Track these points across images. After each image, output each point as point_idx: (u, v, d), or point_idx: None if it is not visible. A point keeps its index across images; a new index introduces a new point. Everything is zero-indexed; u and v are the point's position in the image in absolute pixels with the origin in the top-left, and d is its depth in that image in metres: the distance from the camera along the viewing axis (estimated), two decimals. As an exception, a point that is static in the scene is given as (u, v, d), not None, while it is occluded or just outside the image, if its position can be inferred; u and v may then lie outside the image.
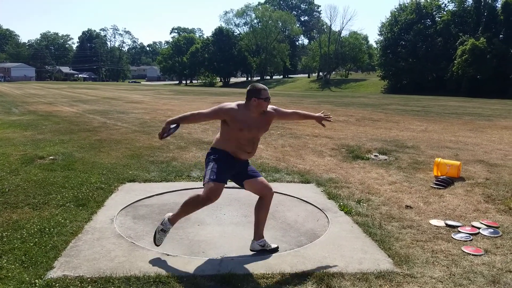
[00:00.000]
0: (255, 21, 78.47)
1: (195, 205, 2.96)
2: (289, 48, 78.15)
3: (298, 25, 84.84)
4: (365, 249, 3.15)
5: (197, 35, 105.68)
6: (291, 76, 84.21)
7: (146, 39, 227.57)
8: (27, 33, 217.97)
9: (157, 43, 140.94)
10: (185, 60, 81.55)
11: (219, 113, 2.98)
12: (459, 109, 19.62)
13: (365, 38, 73.60)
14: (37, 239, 3.12)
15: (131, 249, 3.04)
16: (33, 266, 2.71)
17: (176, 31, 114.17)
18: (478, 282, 2.68)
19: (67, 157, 6.12)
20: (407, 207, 4.22)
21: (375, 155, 6.82)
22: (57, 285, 2.49)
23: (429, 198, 4.57)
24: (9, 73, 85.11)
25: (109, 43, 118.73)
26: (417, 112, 16.87)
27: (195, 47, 79.78)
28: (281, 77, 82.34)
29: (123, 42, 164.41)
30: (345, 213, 3.97)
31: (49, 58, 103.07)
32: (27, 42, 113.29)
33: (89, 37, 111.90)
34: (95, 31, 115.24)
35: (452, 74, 44.10)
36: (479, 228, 3.65)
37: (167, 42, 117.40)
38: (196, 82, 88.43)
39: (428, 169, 5.90)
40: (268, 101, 3.00)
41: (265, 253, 3.02)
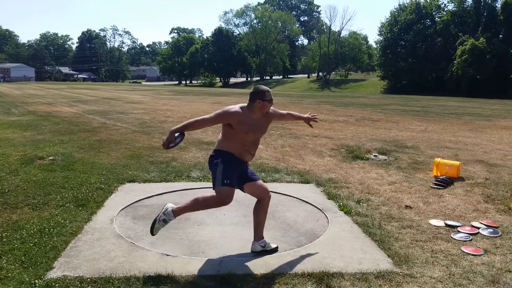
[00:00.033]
0: (255, 21, 78.56)
1: (206, 205, 2.99)
2: (289, 48, 78.17)
3: (297, 25, 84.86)
4: (364, 249, 3.15)
5: (197, 36, 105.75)
6: (290, 76, 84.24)
7: (145, 39, 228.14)
8: (27, 34, 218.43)
9: (157, 44, 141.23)
10: (184, 60, 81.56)
11: (224, 116, 2.95)
12: (459, 109, 19.64)
13: (365, 38, 73.79)
14: (36, 240, 3.12)
15: (130, 250, 3.04)
16: (33, 266, 2.71)
17: (175, 31, 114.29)
18: (477, 282, 2.68)
19: (66, 157, 6.12)
20: (406, 207, 4.22)
21: (375, 155, 6.83)
22: (57, 285, 2.49)
23: (428, 198, 4.57)
24: (8, 73, 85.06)
25: (108, 44, 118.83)
26: (417, 112, 16.88)
27: (194, 48, 79.81)
28: (281, 77, 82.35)
29: (123, 42, 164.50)
30: (344, 213, 3.98)
31: (48, 58, 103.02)
32: (26, 42, 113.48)
33: (88, 38, 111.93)
34: (94, 31, 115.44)
35: (451, 74, 44.13)
36: (478, 228, 3.65)
37: (167, 42, 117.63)
38: (195, 82, 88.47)
39: (427, 169, 5.91)
40: (271, 102, 3.03)
41: (265, 254, 3.02)
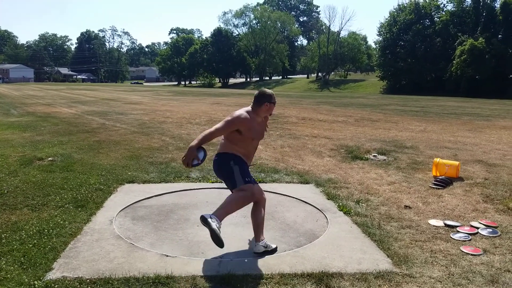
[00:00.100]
0: (254, 22, 78.60)
1: (243, 204, 3.04)
2: (288, 48, 78.18)
3: (297, 26, 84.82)
4: (364, 249, 3.15)
5: (196, 36, 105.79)
6: (290, 76, 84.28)
7: (144, 40, 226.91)
8: (26, 34, 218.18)
9: (156, 44, 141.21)
10: (184, 61, 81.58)
11: (235, 123, 2.99)
12: (458, 109, 19.65)
13: (364, 38, 73.84)
14: (36, 241, 3.12)
15: (130, 250, 3.04)
16: (32, 267, 2.70)
17: (175, 32, 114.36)
18: (476, 281, 2.68)
19: (66, 158, 6.12)
20: (406, 207, 4.22)
21: (374, 156, 6.83)
22: (56, 286, 2.49)
23: (428, 198, 4.58)
24: (7, 74, 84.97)
25: (107, 44, 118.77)
26: (416, 112, 16.89)
27: (194, 48, 79.83)
28: (280, 77, 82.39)
29: (122, 43, 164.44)
30: (344, 213, 3.98)
31: (47, 59, 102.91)
32: (25, 43, 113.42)
33: (87, 38, 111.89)
34: (93, 32, 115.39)
35: (451, 74, 44.16)
36: (477, 228, 3.66)
37: (166, 43, 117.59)
38: (195, 83, 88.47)
39: (427, 169, 5.91)
40: (275, 105, 3.15)
41: (265, 254, 3.02)
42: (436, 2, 53.20)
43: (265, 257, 2.98)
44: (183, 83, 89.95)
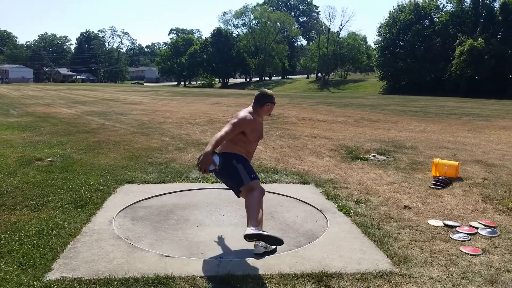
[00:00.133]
0: (254, 22, 78.62)
1: (262, 200, 3.04)
2: (288, 49, 78.19)
3: (296, 26, 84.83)
4: (363, 249, 3.15)
5: (196, 36, 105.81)
6: (289, 77, 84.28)
7: (144, 40, 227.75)
8: (25, 35, 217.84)
9: (156, 44, 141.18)
10: (183, 61, 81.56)
11: (241, 125, 3.02)
12: (458, 109, 19.66)
13: (364, 39, 73.80)
14: (35, 241, 3.12)
15: (129, 251, 3.04)
16: (32, 268, 2.70)
17: (174, 32, 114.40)
18: (476, 281, 2.68)
19: (65, 158, 6.11)
20: (405, 207, 4.22)
21: (374, 156, 6.83)
22: (56, 287, 2.49)
23: (427, 198, 4.58)
24: (7, 74, 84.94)
25: (107, 45, 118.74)
26: (416, 112, 16.90)
27: (193, 48, 79.82)
28: (280, 78, 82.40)
29: (122, 43, 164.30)
30: (343, 213, 3.98)
31: (47, 59, 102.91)
32: (25, 43, 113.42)
33: (87, 39, 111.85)
34: (93, 32, 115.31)
35: (450, 74, 44.16)
36: (477, 228, 3.66)
37: (166, 43, 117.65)
38: (194, 83, 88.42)
39: (426, 169, 5.91)
40: (275, 104, 3.22)
41: (266, 254, 3.02)
42: (435, 2, 53.23)
43: (265, 257, 2.98)
44: (182, 83, 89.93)
